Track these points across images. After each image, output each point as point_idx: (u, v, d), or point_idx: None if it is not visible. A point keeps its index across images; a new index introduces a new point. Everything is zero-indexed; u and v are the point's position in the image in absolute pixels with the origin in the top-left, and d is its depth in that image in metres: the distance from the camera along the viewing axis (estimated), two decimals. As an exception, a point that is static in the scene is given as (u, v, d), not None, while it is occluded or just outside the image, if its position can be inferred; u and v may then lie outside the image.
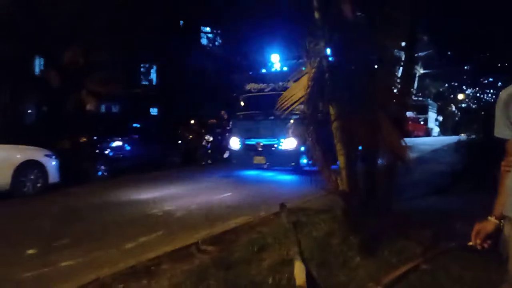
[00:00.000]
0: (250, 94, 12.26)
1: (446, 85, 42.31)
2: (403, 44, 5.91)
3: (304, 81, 4.91)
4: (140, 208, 8.20)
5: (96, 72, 15.89)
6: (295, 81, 5.36)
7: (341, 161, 5.28)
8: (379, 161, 5.59)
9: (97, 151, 12.57)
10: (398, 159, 5.47)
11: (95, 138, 12.73)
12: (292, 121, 7.75)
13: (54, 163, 10.31)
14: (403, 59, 6.13)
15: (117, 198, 9.50)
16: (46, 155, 10.17)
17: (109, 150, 12.88)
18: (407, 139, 5.84)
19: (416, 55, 12.91)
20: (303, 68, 5.19)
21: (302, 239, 4.89)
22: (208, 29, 25.73)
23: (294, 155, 11.12)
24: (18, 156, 9.67)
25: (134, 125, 14.50)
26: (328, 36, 4.82)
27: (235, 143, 12.67)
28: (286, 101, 5.33)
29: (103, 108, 20.52)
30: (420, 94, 36.74)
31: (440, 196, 7.55)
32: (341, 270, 4.26)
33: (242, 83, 12.59)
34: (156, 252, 5.43)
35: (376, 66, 5.48)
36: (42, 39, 14.53)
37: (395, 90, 5.74)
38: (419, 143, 18.39)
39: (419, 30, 8.06)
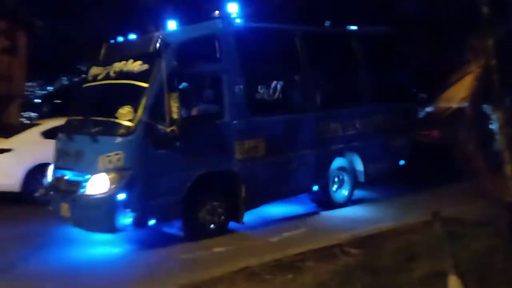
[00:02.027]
0: (87, 85, 7.13)
1: None
2: None
3: (468, 80, 4.50)
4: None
5: None
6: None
7: (508, 170, 4.71)
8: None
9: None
10: None
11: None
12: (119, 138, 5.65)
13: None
14: None
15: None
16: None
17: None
18: None
19: None
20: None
21: (459, 252, 4.51)
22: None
23: (105, 208, 5.70)
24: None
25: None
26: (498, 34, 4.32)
27: (49, 172, 6.93)
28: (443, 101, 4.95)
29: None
30: None
31: None
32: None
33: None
34: (300, 249, 5.57)
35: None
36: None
37: None
38: None
39: None
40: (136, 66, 6.08)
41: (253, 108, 6.77)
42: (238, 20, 6.81)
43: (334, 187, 7.81)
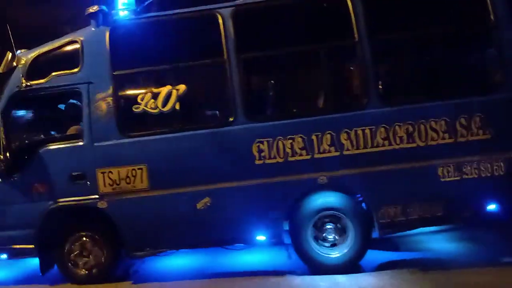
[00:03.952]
0: None
1: None
2: None
3: None
4: None
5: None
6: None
7: None
8: None
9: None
10: None
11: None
12: None
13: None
14: None
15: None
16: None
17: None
18: None
19: None
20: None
21: None
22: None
23: None
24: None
25: None
26: None
27: None
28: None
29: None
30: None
31: None
32: None
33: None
34: None
35: None
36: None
37: None
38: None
39: None
40: None
41: (129, 126, 4.81)
42: (122, 13, 4.90)
43: (314, 240, 4.73)
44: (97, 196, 4.77)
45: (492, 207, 4.52)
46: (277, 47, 4.66)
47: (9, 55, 4.87)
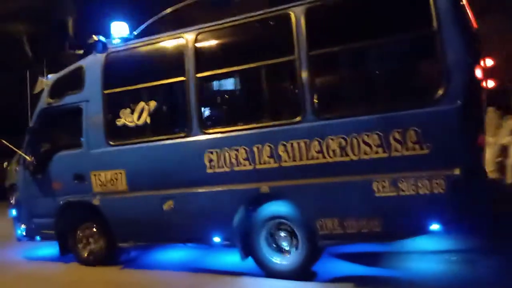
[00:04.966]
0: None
1: None
2: None
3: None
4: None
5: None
6: None
7: None
8: None
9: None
10: None
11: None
12: None
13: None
14: None
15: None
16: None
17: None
18: None
19: None
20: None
21: None
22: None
23: None
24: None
25: None
26: None
27: None
28: None
29: None
30: None
31: None
32: None
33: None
34: None
35: None
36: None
37: None
38: None
39: None
40: None
41: (112, 136, 5.65)
42: (116, 41, 5.80)
43: (268, 246, 4.98)
44: (92, 195, 5.80)
45: (434, 227, 4.22)
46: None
47: (41, 80, 6.19)
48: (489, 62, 4.60)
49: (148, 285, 5.33)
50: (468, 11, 4.46)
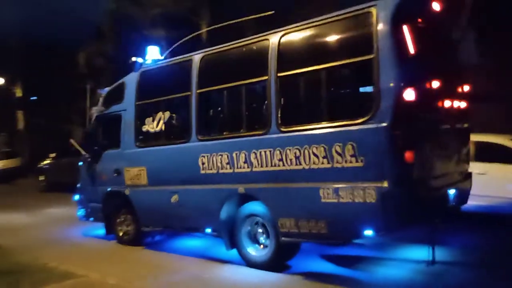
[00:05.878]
0: None
1: None
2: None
3: None
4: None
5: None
6: None
7: None
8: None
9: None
10: None
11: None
12: None
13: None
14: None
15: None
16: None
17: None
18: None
19: None
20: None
21: None
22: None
23: None
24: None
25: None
26: None
27: None
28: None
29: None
30: None
31: None
32: None
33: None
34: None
35: None
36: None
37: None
38: None
39: None
40: None
41: (138, 139, 7.03)
42: (149, 61, 7.14)
43: (249, 239, 5.79)
44: (125, 186, 7.20)
45: (368, 232, 4.69)
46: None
47: (99, 93, 7.89)
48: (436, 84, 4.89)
49: (157, 263, 6.45)
50: (420, 36, 4.81)
